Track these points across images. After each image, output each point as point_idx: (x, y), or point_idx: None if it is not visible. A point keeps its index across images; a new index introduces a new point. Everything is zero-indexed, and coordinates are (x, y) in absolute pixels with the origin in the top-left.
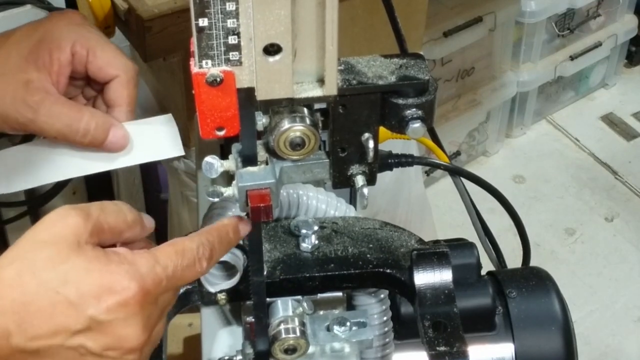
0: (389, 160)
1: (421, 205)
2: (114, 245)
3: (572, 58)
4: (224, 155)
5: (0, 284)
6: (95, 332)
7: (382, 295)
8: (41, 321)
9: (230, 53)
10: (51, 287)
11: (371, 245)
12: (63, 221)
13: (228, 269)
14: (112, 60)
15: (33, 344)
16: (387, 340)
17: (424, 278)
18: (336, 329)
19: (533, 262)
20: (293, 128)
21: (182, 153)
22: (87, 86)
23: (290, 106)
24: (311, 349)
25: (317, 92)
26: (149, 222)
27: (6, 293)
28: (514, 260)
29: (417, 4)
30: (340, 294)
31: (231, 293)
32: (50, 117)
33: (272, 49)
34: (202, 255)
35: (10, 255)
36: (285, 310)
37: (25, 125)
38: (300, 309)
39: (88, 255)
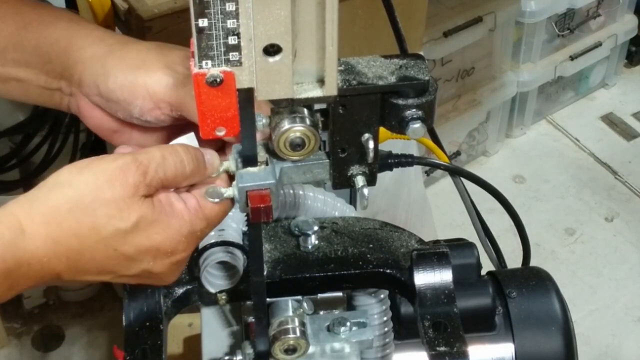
0: (389, 161)
1: (421, 205)
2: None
3: (572, 58)
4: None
5: (59, 229)
6: (144, 277)
7: (382, 296)
8: (93, 266)
9: (230, 53)
10: (111, 244)
11: (371, 246)
12: (124, 178)
13: (228, 269)
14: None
15: (80, 277)
16: (387, 340)
17: (424, 278)
18: (336, 329)
19: (533, 262)
20: (293, 128)
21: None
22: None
23: (290, 106)
24: (311, 349)
25: (317, 92)
26: (212, 162)
27: (63, 239)
28: (514, 260)
29: (417, 4)
30: (340, 294)
31: (231, 293)
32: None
33: (272, 49)
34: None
35: (68, 197)
36: (286, 310)
37: (180, 105)
38: (300, 309)
39: (148, 217)
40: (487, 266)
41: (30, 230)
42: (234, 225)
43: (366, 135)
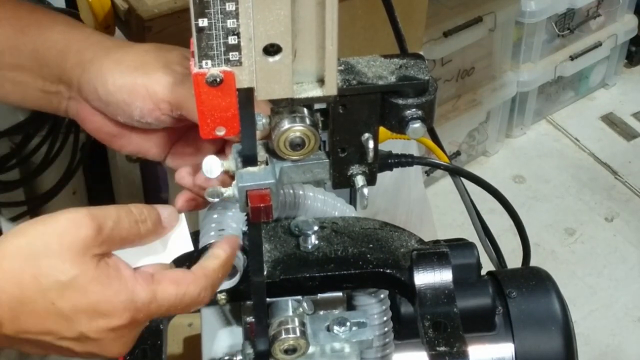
0: (389, 160)
1: (421, 205)
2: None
3: (572, 58)
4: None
5: (2, 274)
6: (83, 342)
7: (382, 295)
8: (34, 322)
9: (230, 53)
10: (49, 297)
11: (371, 245)
12: (75, 231)
13: None
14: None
15: (22, 336)
16: (387, 340)
17: (424, 278)
18: (336, 329)
19: (533, 262)
20: (293, 128)
21: (192, 248)
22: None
23: (290, 106)
24: (311, 349)
25: (317, 92)
26: (169, 217)
27: (5, 286)
28: (514, 260)
29: (417, 4)
30: (340, 294)
31: (231, 293)
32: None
33: (272, 49)
34: (202, 300)
35: (16, 245)
36: (285, 310)
37: (180, 104)
38: (300, 309)
39: (90, 273)
40: (487, 266)
41: None
42: (234, 225)
43: (366, 135)
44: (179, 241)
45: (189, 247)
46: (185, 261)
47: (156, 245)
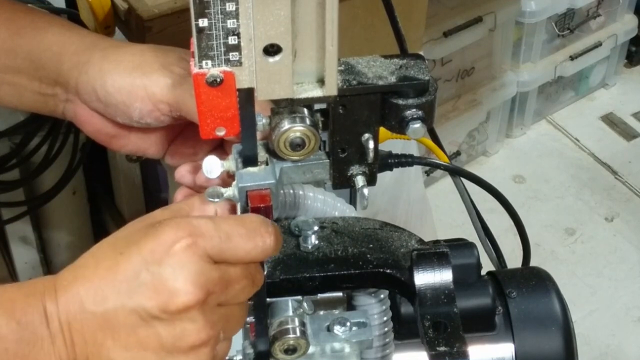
0: (389, 160)
1: (421, 205)
2: None
3: (572, 58)
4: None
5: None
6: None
7: (382, 296)
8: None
9: (230, 53)
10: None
11: (371, 246)
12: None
13: None
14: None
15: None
16: (387, 340)
17: (424, 278)
18: (336, 329)
19: (533, 262)
20: (293, 128)
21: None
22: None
23: (290, 106)
24: (311, 349)
25: (317, 92)
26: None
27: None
28: (514, 260)
29: (417, 4)
30: (340, 294)
31: None
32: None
33: (272, 50)
34: (267, 228)
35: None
36: (286, 310)
37: (179, 104)
38: (301, 309)
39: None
40: (487, 266)
41: None
42: None
43: (366, 135)
44: None
45: None
46: None
47: None
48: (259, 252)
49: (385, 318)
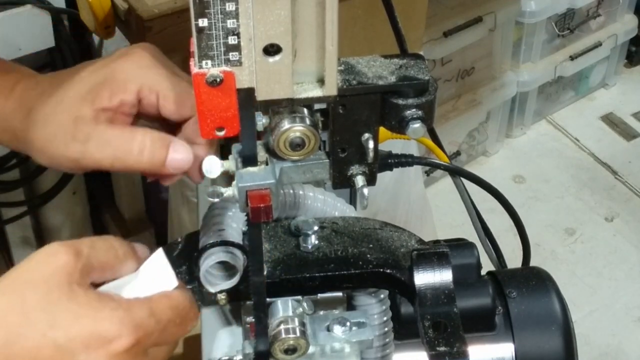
0: (389, 160)
1: (421, 205)
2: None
3: (572, 58)
4: (223, 156)
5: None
6: None
7: (382, 295)
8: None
9: (230, 53)
10: (39, 328)
11: (371, 245)
12: (53, 260)
13: (228, 269)
14: (183, 100)
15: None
16: (387, 340)
17: (424, 278)
18: (336, 329)
19: (533, 262)
20: (293, 128)
21: (176, 284)
22: (163, 126)
23: (290, 106)
24: (311, 349)
25: (317, 92)
26: (143, 252)
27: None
28: (514, 260)
29: (417, 4)
30: (340, 294)
31: (231, 293)
32: (100, 144)
33: (272, 49)
34: (194, 315)
35: None
36: (285, 310)
37: (77, 161)
38: (300, 309)
39: (80, 299)
40: (487, 266)
41: None
42: (234, 225)
43: (366, 135)
44: (161, 277)
45: (173, 283)
46: (185, 261)
47: (137, 281)
48: (184, 334)
49: (385, 318)
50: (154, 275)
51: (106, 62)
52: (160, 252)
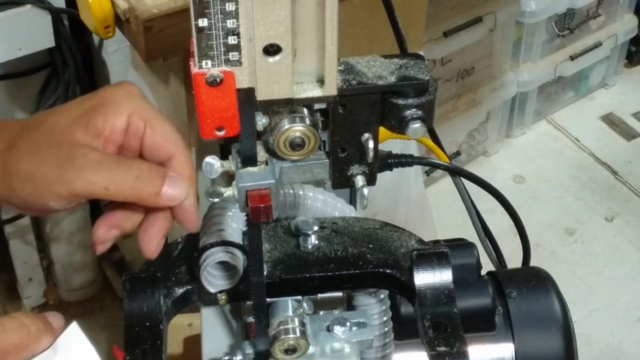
0: (389, 160)
1: (421, 205)
2: None
3: (572, 58)
4: (223, 156)
5: None
6: None
7: (382, 296)
8: None
9: (230, 53)
10: None
11: (371, 246)
12: None
13: (228, 269)
14: (169, 135)
15: None
16: (387, 340)
17: (424, 278)
18: (336, 329)
19: (533, 262)
20: (293, 128)
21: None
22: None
23: (290, 106)
24: (311, 349)
25: (317, 92)
26: (58, 322)
27: None
28: (514, 260)
29: (417, 4)
30: (340, 294)
31: (231, 293)
32: (95, 167)
33: (272, 49)
34: None
35: None
36: (285, 310)
37: (69, 184)
38: (300, 309)
39: None
40: (487, 266)
41: None
42: (234, 225)
43: (366, 135)
44: (80, 353)
45: (94, 358)
46: (185, 261)
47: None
48: None
49: (385, 318)
50: (73, 353)
51: (96, 92)
52: (74, 326)
